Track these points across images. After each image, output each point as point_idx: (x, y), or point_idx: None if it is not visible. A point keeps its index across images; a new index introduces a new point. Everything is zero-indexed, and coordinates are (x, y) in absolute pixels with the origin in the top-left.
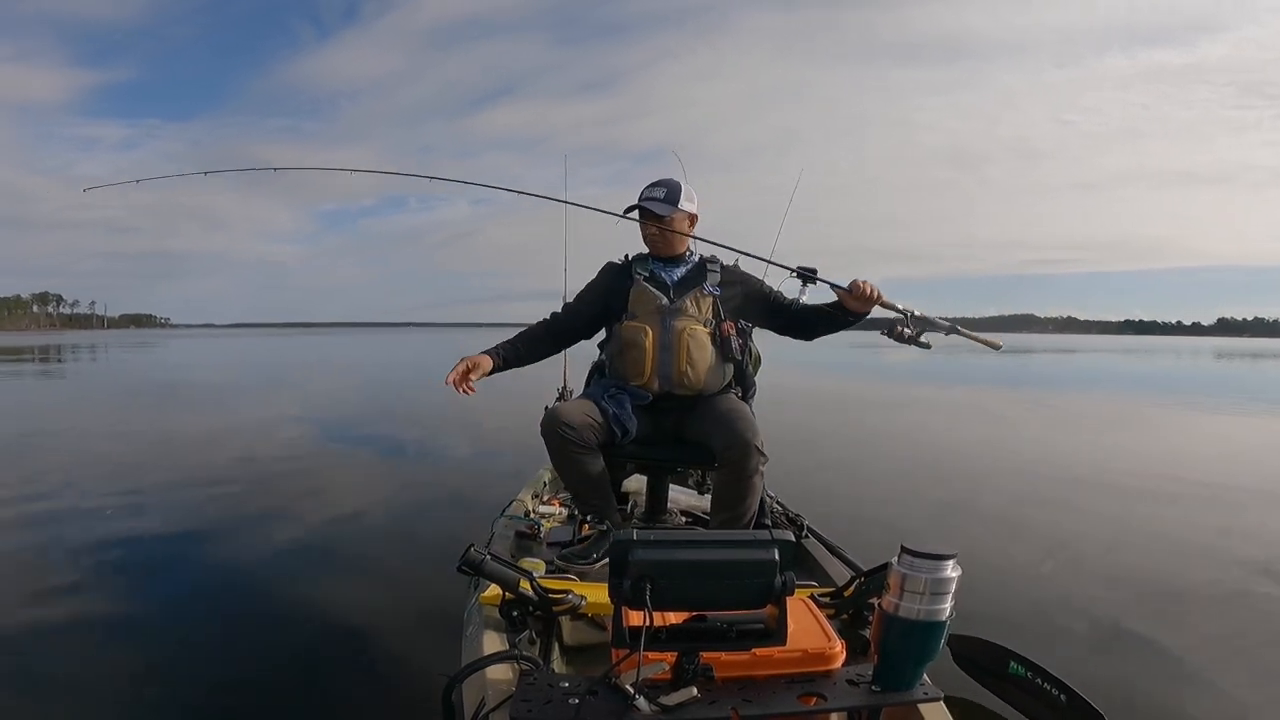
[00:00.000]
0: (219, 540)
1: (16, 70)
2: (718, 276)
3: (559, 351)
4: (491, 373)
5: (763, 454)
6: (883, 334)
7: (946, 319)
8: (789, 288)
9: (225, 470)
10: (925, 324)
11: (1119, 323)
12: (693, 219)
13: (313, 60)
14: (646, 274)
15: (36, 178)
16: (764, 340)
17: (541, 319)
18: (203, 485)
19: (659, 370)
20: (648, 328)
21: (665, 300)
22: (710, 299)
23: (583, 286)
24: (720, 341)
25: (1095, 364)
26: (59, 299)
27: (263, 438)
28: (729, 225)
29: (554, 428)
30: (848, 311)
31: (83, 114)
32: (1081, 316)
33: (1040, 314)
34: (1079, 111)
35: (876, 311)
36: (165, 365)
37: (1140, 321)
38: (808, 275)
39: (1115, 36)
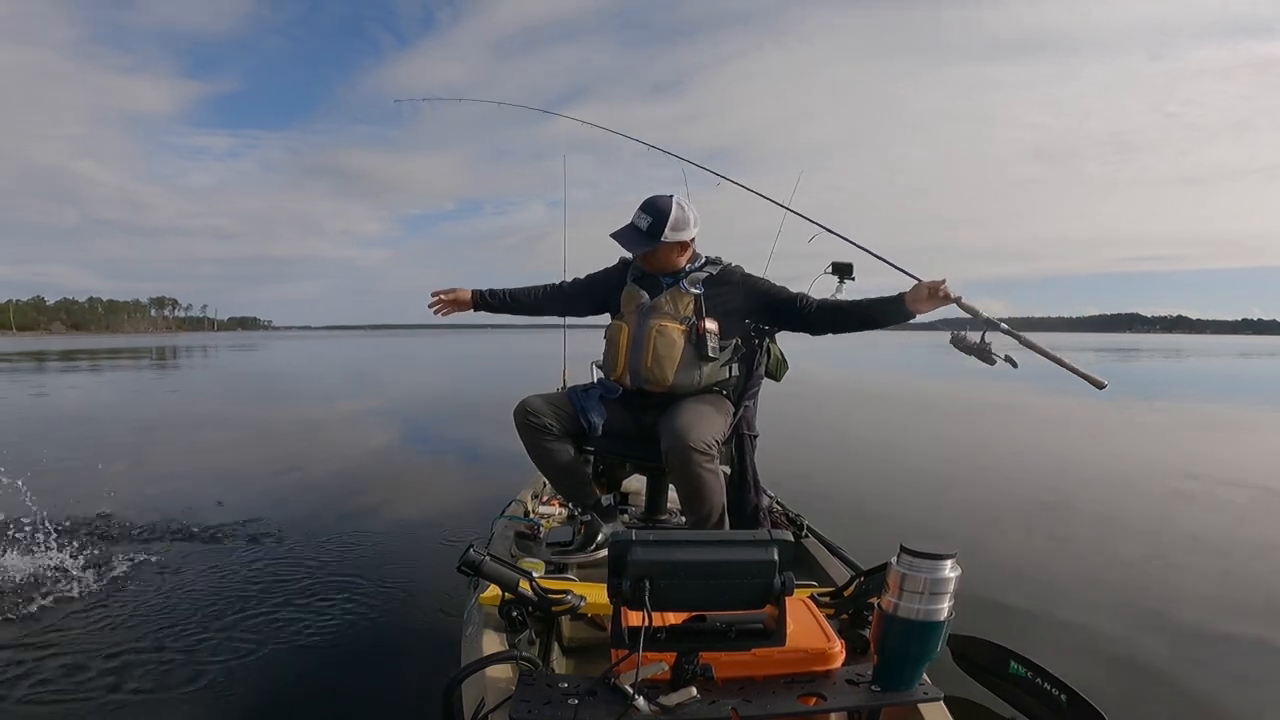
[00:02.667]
0: (216, 535)
1: (134, 81)
2: (703, 275)
3: (546, 314)
4: (476, 309)
5: (704, 453)
6: (950, 340)
7: (1031, 342)
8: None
9: (239, 463)
10: (998, 330)
11: (1235, 321)
12: (684, 246)
13: (393, 68)
14: (640, 274)
15: (151, 186)
16: (792, 340)
17: (550, 284)
18: (218, 477)
19: (629, 365)
20: (625, 324)
21: (646, 298)
22: (691, 297)
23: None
24: (696, 339)
25: (1203, 366)
26: (174, 303)
27: (282, 432)
28: (787, 225)
29: (522, 417)
30: (896, 310)
31: (192, 124)
32: (1193, 315)
33: (1146, 312)
34: (1179, 103)
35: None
36: (258, 367)
37: (1259, 320)
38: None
39: (1212, 28)
